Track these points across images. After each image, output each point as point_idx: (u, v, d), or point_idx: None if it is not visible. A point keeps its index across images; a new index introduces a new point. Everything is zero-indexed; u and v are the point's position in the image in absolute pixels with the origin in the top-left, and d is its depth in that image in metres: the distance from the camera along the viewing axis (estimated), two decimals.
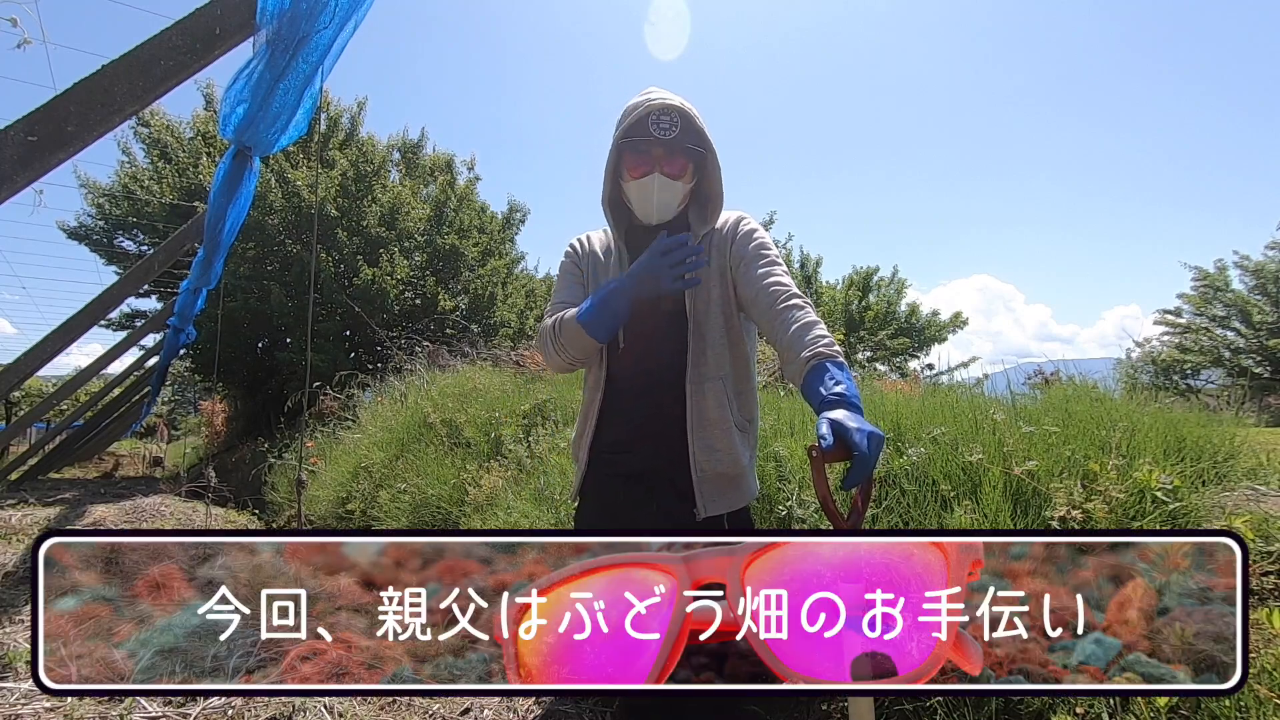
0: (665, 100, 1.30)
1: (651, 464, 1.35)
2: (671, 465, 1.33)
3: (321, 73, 2.14)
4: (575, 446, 1.47)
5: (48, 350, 4.96)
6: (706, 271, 1.35)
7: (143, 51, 1.83)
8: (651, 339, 1.35)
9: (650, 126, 1.29)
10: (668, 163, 1.32)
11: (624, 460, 1.37)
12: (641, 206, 1.37)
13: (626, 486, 1.37)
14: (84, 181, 10.45)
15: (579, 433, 1.45)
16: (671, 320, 1.36)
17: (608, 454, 1.39)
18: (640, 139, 1.31)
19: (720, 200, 1.38)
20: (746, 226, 1.38)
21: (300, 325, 8.89)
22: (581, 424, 1.45)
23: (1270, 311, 13.72)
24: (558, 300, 1.42)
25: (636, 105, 1.31)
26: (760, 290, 1.27)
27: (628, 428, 1.36)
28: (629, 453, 1.37)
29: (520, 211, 12.10)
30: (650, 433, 1.34)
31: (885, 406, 2.18)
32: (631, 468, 1.36)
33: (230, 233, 3.22)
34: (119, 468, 14.71)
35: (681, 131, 1.30)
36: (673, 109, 1.29)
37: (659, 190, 1.33)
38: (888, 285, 16.82)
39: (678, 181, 1.34)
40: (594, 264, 1.44)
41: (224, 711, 1.64)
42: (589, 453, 1.41)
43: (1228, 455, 1.67)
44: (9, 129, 1.66)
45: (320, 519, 4.45)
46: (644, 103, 1.30)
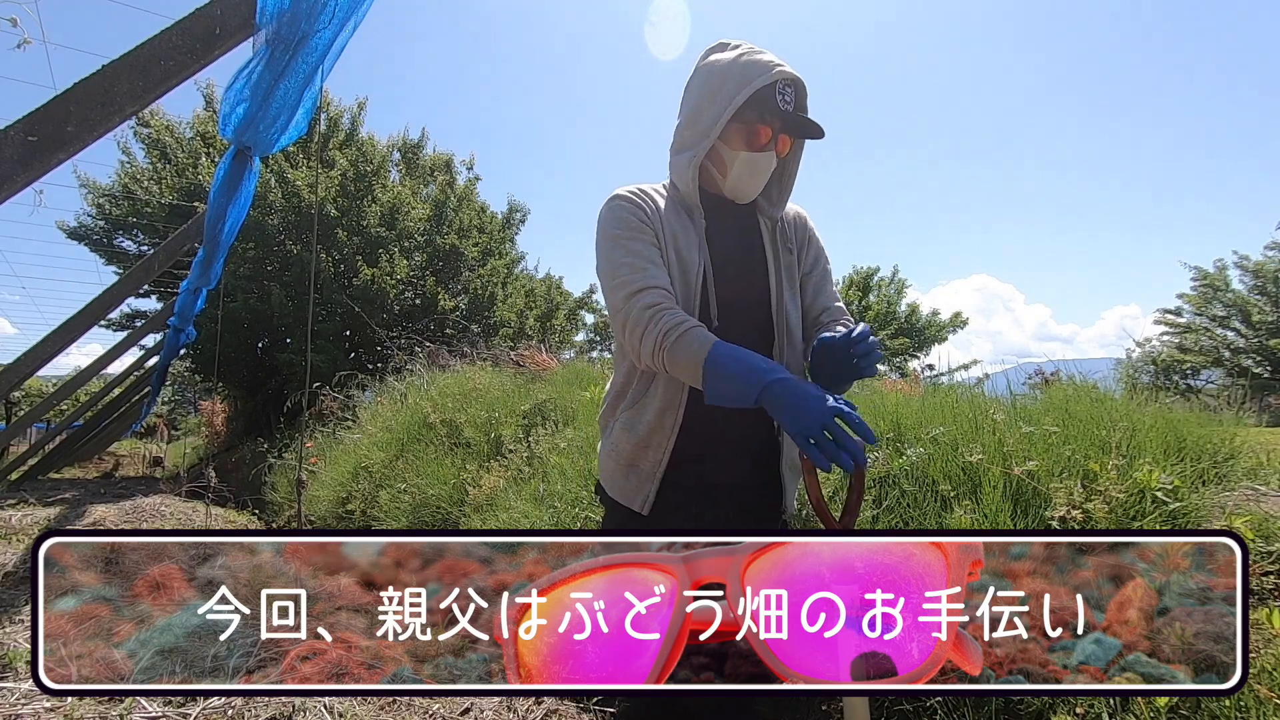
0: (789, 69, 1.17)
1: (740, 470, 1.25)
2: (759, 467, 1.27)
3: (321, 73, 2.14)
4: (635, 456, 1.25)
5: (48, 350, 4.96)
6: (788, 265, 1.29)
7: (143, 51, 1.83)
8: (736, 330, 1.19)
9: (778, 98, 1.16)
10: (782, 140, 1.21)
11: (710, 471, 1.24)
12: (746, 182, 1.22)
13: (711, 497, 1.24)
14: (84, 181, 10.47)
15: (641, 443, 1.24)
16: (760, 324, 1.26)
17: (690, 465, 1.24)
18: (769, 108, 1.16)
19: (792, 188, 1.30)
20: (816, 232, 1.35)
21: (300, 325, 8.89)
22: (645, 433, 1.23)
23: (1270, 311, 13.72)
24: (642, 268, 1.15)
25: (765, 66, 1.15)
26: (824, 310, 1.31)
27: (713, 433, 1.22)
28: (716, 461, 1.24)
29: (520, 211, 12.10)
30: (739, 437, 1.23)
31: (885, 407, 2.18)
32: (718, 479, 1.25)
33: (230, 233, 3.22)
34: (119, 468, 14.71)
35: (797, 108, 1.20)
36: (796, 80, 1.17)
37: (769, 170, 1.22)
38: (888, 285, 16.83)
39: (779, 159, 1.24)
40: (670, 228, 1.22)
41: (224, 711, 1.64)
42: (667, 466, 1.23)
43: (1228, 455, 1.67)
44: (9, 129, 1.66)
45: (320, 519, 4.45)
46: (773, 66, 1.15)
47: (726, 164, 1.21)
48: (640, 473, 1.25)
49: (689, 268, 1.20)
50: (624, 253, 1.17)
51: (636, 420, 1.24)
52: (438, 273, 10.23)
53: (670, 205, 1.24)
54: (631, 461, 1.25)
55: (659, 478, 1.23)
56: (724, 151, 1.20)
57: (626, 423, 1.26)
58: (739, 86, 1.14)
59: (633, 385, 1.26)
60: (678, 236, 1.21)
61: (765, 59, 1.16)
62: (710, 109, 1.17)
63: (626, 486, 1.27)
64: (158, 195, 9.89)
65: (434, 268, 10.23)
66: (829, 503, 1.46)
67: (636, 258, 1.15)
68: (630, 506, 1.26)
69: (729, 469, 1.24)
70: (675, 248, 1.20)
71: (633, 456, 1.25)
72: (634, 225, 1.19)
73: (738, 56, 1.17)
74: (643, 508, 1.25)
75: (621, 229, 1.19)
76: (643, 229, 1.19)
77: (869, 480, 1.82)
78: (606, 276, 1.19)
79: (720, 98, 1.16)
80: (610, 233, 1.20)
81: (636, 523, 1.26)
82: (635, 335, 1.11)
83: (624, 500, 1.27)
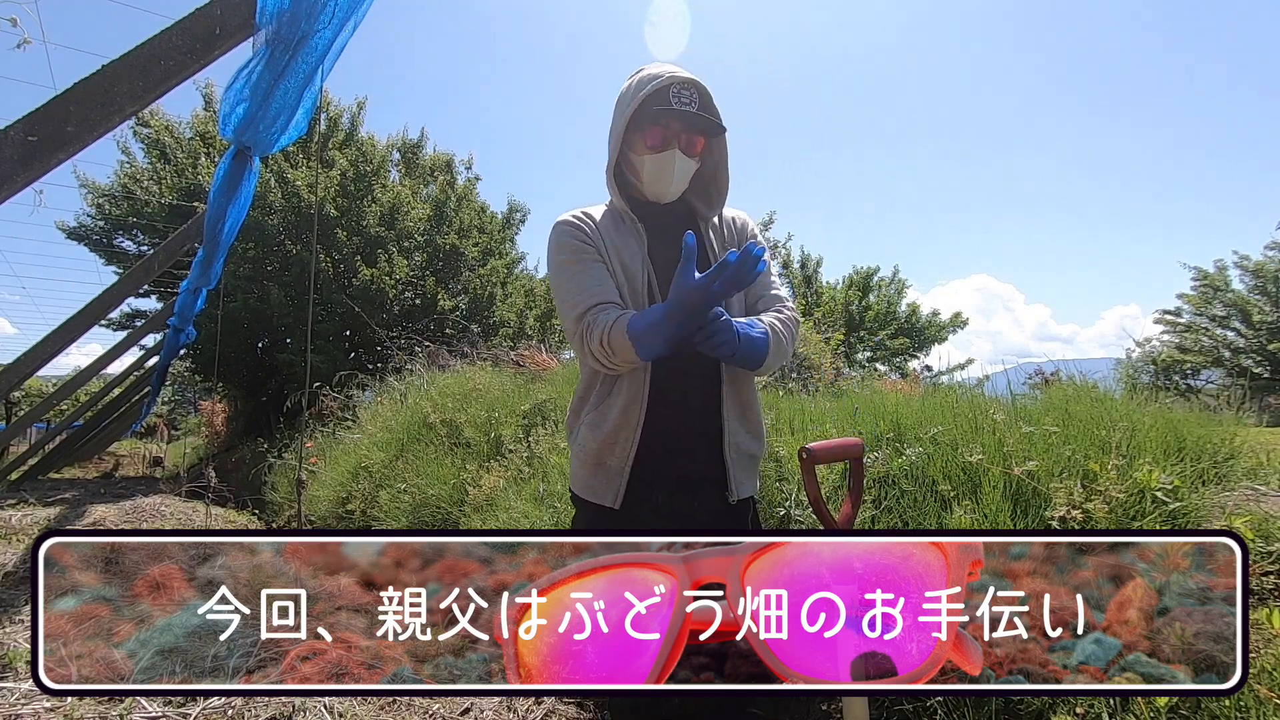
0: (685, 74, 1.25)
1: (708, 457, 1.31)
2: (709, 453, 1.31)
3: (321, 73, 2.14)
4: (602, 454, 1.31)
5: (48, 350, 4.96)
6: None
7: (143, 51, 1.83)
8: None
9: (671, 99, 1.23)
10: (686, 139, 1.28)
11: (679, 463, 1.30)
12: (657, 183, 1.30)
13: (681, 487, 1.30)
14: (84, 181, 10.46)
15: (608, 439, 1.29)
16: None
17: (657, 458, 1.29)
18: (661, 110, 1.24)
19: (727, 186, 1.36)
20: (756, 232, 1.42)
21: (300, 325, 8.89)
22: (611, 430, 1.29)
23: (1270, 311, 13.72)
24: (589, 288, 1.25)
25: (655, 76, 1.25)
26: (760, 299, 1.35)
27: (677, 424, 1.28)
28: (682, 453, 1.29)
29: (520, 211, 12.10)
30: (703, 427, 1.29)
31: (885, 406, 2.18)
32: (686, 470, 1.30)
33: (230, 233, 3.22)
34: (119, 468, 14.71)
35: (700, 107, 1.26)
36: (693, 83, 1.25)
37: (677, 167, 1.28)
38: (888, 285, 16.82)
39: (692, 159, 1.30)
40: (611, 242, 1.30)
41: (224, 712, 1.64)
42: (634, 461, 1.28)
43: (1228, 455, 1.67)
44: (9, 129, 1.66)
45: (320, 519, 4.45)
46: (665, 74, 1.24)
47: (638, 169, 1.30)
48: (609, 469, 1.30)
49: (634, 276, 1.29)
50: (569, 277, 1.27)
51: (601, 420, 1.30)
52: (438, 273, 10.22)
53: (612, 220, 1.33)
54: (599, 460, 1.31)
55: (628, 472, 1.28)
56: (633, 158, 1.30)
57: (592, 423, 1.32)
58: (634, 96, 1.25)
59: (595, 388, 1.33)
60: (620, 249, 1.29)
61: (658, 70, 1.26)
62: (616, 124, 1.28)
63: (596, 484, 1.32)
64: (157, 195, 9.89)
65: (434, 268, 10.23)
66: (828, 503, 1.47)
67: (580, 279, 1.25)
68: (601, 503, 1.31)
69: (696, 458, 1.30)
70: (619, 260, 1.28)
71: (600, 454, 1.31)
72: (576, 248, 1.28)
73: (637, 76, 1.28)
74: (614, 502, 1.30)
75: (566, 254, 1.29)
76: (584, 249, 1.28)
77: (869, 480, 1.82)
78: (559, 303, 1.30)
79: (621, 111, 1.27)
80: (557, 260, 1.30)
81: (608, 519, 1.32)
82: (588, 345, 1.21)
83: (594, 498, 1.33)
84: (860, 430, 2.08)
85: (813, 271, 16.73)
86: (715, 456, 1.32)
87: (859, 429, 2.09)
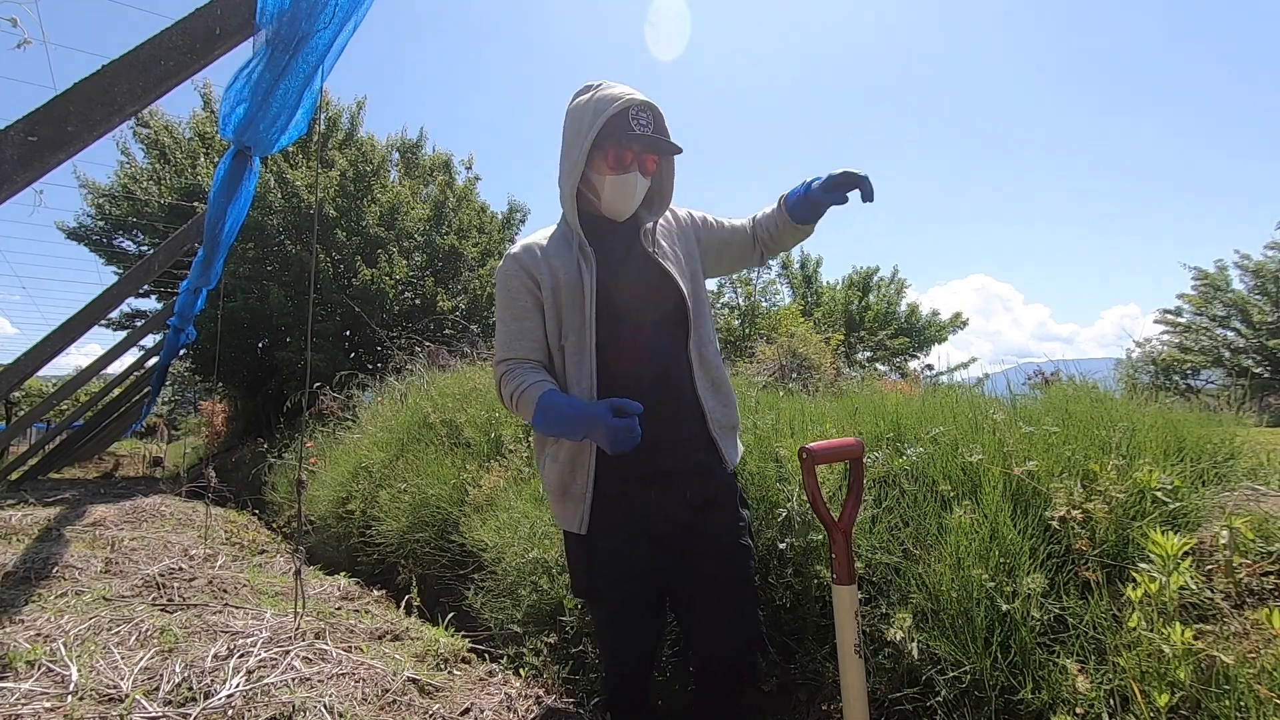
0: (641, 96, 1.31)
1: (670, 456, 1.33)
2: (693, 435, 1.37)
3: (321, 73, 2.14)
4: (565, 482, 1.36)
5: (48, 350, 4.95)
6: (680, 254, 1.43)
7: (143, 51, 1.83)
8: (645, 329, 1.36)
9: (631, 122, 1.30)
10: (646, 160, 1.35)
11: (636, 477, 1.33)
12: (617, 201, 1.36)
13: (643, 488, 1.34)
14: (84, 182, 10.47)
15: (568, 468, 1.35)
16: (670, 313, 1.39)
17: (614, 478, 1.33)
18: (624, 134, 1.30)
19: (671, 195, 1.45)
20: (694, 212, 1.55)
21: (300, 325, 8.89)
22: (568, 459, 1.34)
23: (1270, 311, 13.72)
24: (512, 342, 1.35)
25: (613, 98, 1.29)
26: (733, 230, 1.53)
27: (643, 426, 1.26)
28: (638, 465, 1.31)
29: (520, 211, 12.09)
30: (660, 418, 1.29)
31: (885, 406, 2.18)
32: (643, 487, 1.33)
33: (230, 233, 3.22)
34: (119, 468, 14.70)
35: (655, 129, 1.33)
36: (649, 105, 1.32)
37: (638, 188, 1.35)
38: (887, 285, 16.83)
39: (648, 179, 1.38)
40: (552, 270, 1.34)
41: (224, 712, 1.64)
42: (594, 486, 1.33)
43: (1228, 455, 1.67)
44: (9, 129, 1.66)
45: (320, 519, 4.45)
46: (623, 96, 1.29)
47: (598, 188, 1.35)
48: (573, 495, 1.36)
49: (580, 291, 1.34)
50: (502, 322, 1.37)
51: (559, 451, 1.37)
52: (437, 273, 10.22)
53: (559, 242, 1.38)
54: (564, 488, 1.37)
55: (589, 498, 1.34)
56: (594, 178, 1.35)
57: (553, 455, 1.39)
58: (594, 118, 1.29)
59: None
60: (563, 271, 1.34)
61: (616, 92, 1.30)
62: (576, 144, 1.32)
63: (565, 512, 1.38)
64: (157, 195, 9.88)
65: (433, 268, 10.23)
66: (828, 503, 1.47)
67: (511, 327, 1.36)
68: (571, 530, 1.38)
69: (651, 471, 1.33)
70: (564, 282, 1.33)
71: (563, 483, 1.37)
72: (511, 296, 1.37)
73: (592, 95, 1.32)
74: (580, 528, 1.36)
75: (502, 300, 1.39)
76: (520, 296, 1.36)
77: (869, 480, 1.82)
78: (495, 333, 1.42)
79: (581, 132, 1.31)
80: (499, 297, 1.41)
81: (581, 544, 1.39)
82: (501, 389, 1.36)
83: (566, 526, 1.40)
84: (860, 430, 2.08)
85: (812, 271, 16.73)
86: (703, 437, 1.38)
87: (859, 429, 2.09)
